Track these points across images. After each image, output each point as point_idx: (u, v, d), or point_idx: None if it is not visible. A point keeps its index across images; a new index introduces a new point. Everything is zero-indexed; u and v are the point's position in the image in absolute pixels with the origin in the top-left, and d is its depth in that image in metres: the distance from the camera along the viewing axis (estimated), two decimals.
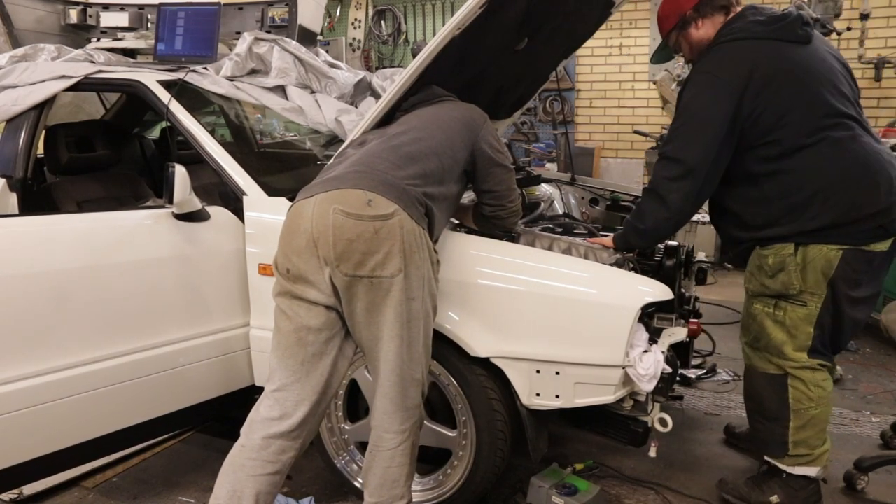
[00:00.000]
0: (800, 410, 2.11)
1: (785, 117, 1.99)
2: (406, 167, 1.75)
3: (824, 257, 2.02)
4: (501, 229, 2.08)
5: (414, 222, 1.67)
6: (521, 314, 1.87)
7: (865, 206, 1.99)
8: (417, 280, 1.67)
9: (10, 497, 2.28)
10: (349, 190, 1.66)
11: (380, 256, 1.62)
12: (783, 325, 2.10)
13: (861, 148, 2.02)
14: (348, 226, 1.62)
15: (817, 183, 2.00)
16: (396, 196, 1.67)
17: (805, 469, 2.15)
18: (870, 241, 2.03)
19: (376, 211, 1.63)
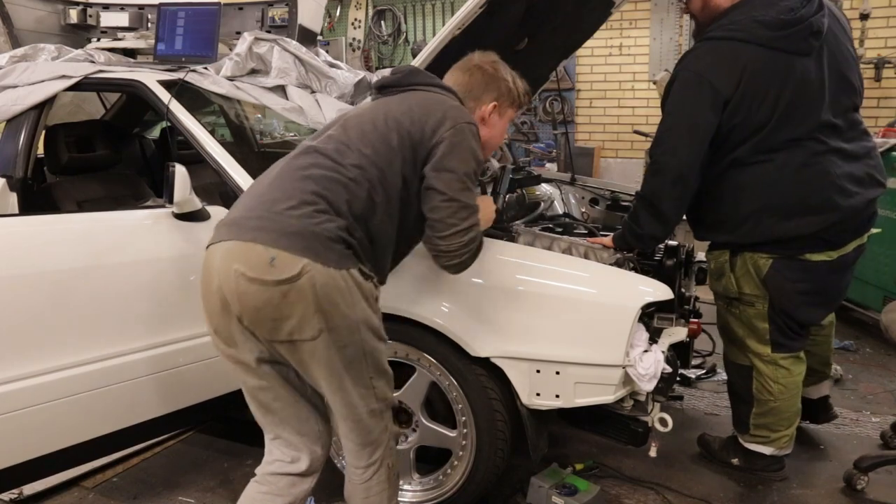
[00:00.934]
0: (761, 400, 2.25)
1: (754, 134, 2.03)
2: (317, 200, 1.49)
3: (754, 264, 2.15)
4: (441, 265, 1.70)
5: (331, 270, 1.45)
6: (522, 314, 1.87)
7: (795, 230, 2.07)
8: (346, 329, 1.49)
9: (9, 497, 2.28)
10: (249, 245, 1.45)
11: (294, 322, 1.45)
12: (741, 321, 2.24)
13: (813, 169, 2.04)
14: (251, 292, 1.44)
15: (754, 204, 2.09)
16: (304, 246, 1.44)
17: (760, 447, 2.33)
18: (803, 252, 2.10)
19: (281, 274, 1.42)
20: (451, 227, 1.57)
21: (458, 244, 1.59)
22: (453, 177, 1.57)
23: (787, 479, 2.37)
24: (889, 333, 2.38)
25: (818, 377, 2.52)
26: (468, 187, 1.60)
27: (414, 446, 2.11)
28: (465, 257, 1.62)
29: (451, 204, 1.57)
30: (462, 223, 1.59)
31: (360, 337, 1.52)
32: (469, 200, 1.59)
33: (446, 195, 1.56)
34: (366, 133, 1.61)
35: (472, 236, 1.61)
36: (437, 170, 1.58)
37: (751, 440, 2.33)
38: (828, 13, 2.04)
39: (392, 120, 1.62)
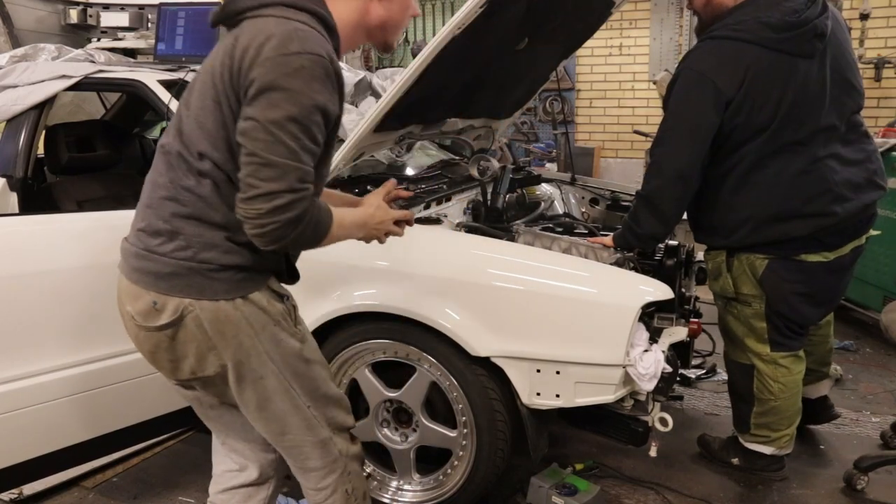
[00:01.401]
0: (761, 400, 2.25)
1: (755, 136, 2.03)
2: (182, 227, 1.33)
3: (750, 265, 2.16)
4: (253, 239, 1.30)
5: (220, 303, 1.33)
6: (522, 313, 1.87)
7: (791, 231, 2.08)
8: (256, 360, 1.38)
9: (9, 497, 2.28)
10: (134, 288, 1.37)
11: (192, 360, 1.37)
12: (739, 320, 2.25)
13: (810, 172, 2.05)
14: (142, 337, 1.39)
15: (751, 208, 2.10)
16: (184, 285, 1.32)
17: (760, 447, 2.32)
18: (799, 252, 2.11)
19: (163, 318, 1.33)
20: (251, 188, 1.23)
21: (257, 212, 1.22)
22: (255, 126, 1.22)
23: (787, 479, 2.38)
24: (889, 333, 2.39)
25: (816, 377, 2.53)
26: (280, 140, 1.21)
27: (414, 446, 2.11)
28: (269, 228, 1.23)
29: (251, 160, 1.23)
30: (263, 185, 1.22)
31: (276, 366, 1.40)
32: (277, 157, 1.21)
33: (247, 149, 1.23)
34: (196, 101, 1.35)
35: (279, 205, 1.22)
36: (243, 118, 1.25)
37: (751, 440, 2.33)
38: (830, 15, 2.05)
39: (209, 73, 1.33)
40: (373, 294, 1.98)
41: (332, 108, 1.29)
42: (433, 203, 2.44)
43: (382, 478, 2.20)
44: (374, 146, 2.41)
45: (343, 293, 2.01)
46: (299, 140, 1.23)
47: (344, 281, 2.02)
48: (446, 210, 2.49)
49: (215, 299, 1.33)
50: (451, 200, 2.56)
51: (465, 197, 2.65)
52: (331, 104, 1.28)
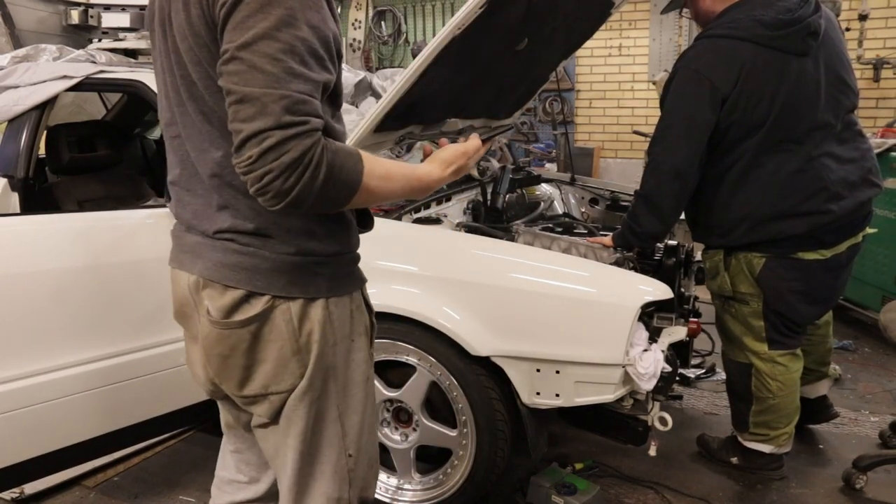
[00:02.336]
0: (760, 398, 2.26)
1: (751, 133, 2.05)
2: (267, 218, 1.15)
3: (748, 263, 2.17)
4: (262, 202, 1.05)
5: (318, 300, 1.18)
6: (522, 313, 1.88)
7: (787, 230, 2.09)
8: (325, 371, 1.21)
9: (11, 496, 2.28)
10: (218, 285, 1.18)
11: (269, 367, 1.20)
12: (737, 319, 2.26)
13: (806, 170, 2.06)
14: (218, 338, 1.19)
15: (747, 207, 2.11)
16: (286, 282, 1.16)
17: (759, 446, 2.33)
18: (795, 250, 2.12)
19: (253, 310, 1.16)
20: (237, 135, 1.00)
21: (249, 161, 0.98)
22: (227, 58, 1.00)
23: (786, 479, 2.38)
24: (888, 333, 2.39)
25: (815, 376, 2.53)
26: (254, 66, 0.98)
27: (414, 446, 2.11)
28: (267, 180, 0.99)
29: (230, 100, 1.00)
30: (246, 126, 0.98)
31: (337, 388, 1.24)
32: (254, 87, 0.98)
33: (224, 89, 1.02)
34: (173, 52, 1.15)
35: (269, 146, 0.97)
36: (221, 55, 1.02)
37: (750, 438, 2.33)
38: (823, 15, 2.06)
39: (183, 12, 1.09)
40: (373, 294, 1.98)
41: (324, 26, 1.05)
42: (433, 203, 2.45)
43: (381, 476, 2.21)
44: (375, 146, 2.41)
45: None
46: (281, 62, 0.98)
47: None
48: (446, 210, 2.49)
49: (315, 297, 1.18)
50: (451, 200, 2.56)
51: (465, 197, 2.65)
52: (321, 21, 1.04)
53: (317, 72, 1.03)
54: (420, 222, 2.26)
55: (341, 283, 1.22)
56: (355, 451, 1.27)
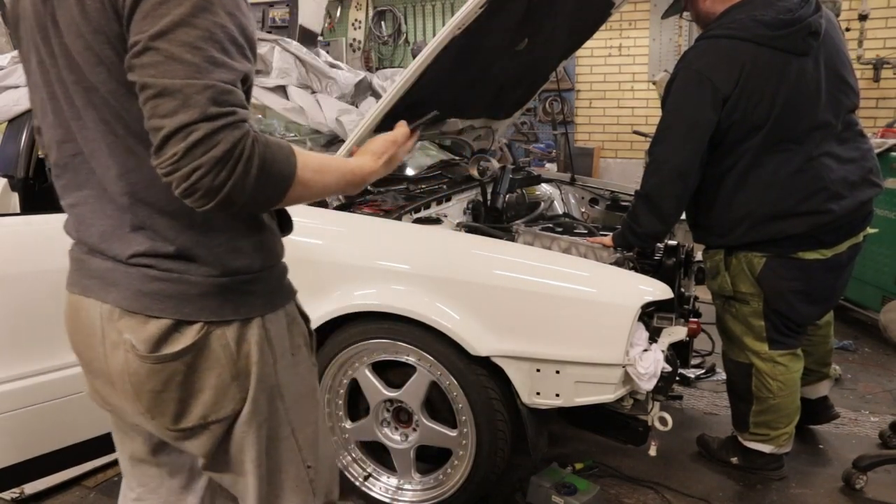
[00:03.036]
0: (760, 398, 2.26)
1: (752, 133, 2.05)
2: (187, 238, 1.06)
3: (749, 263, 2.16)
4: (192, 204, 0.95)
5: (253, 319, 1.12)
6: (522, 313, 1.88)
7: (787, 230, 2.09)
8: (269, 392, 1.15)
9: (11, 496, 2.28)
10: (135, 316, 1.07)
11: (208, 396, 1.11)
12: (737, 319, 2.26)
13: (806, 169, 2.06)
14: (148, 374, 1.08)
15: (748, 206, 2.11)
16: (217, 305, 1.08)
17: (759, 446, 2.33)
18: (796, 250, 2.12)
19: (186, 341, 1.07)
20: (156, 132, 0.91)
21: (173, 160, 0.90)
22: (139, 50, 0.91)
23: (786, 479, 2.38)
24: (888, 333, 2.39)
25: (816, 377, 2.53)
26: (172, 56, 0.90)
27: (414, 446, 2.11)
28: (196, 177, 0.90)
29: (146, 95, 0.91)
30: (167, 122, 0.89)
31: (285, 405, 1.18)
32: (175, 79, 0.89)
33: (138, 84, 0.92)
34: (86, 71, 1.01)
35: (196, 139, 0.89)
36: (128, 50, 0.93)
37: (750, 438, 2.33)
38: (824, 15, 2.07)
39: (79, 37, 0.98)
40: (373, 294, 1.98)
41: (239, 13, 0.97)
42: (433, 203, 2.45)
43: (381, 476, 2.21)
44: None
45: (343, 293, 2.01)
46: (201, 50, 0.91)
47: (344, 281, 2.02)
48: (446, 210, 2.49)
49: (250, 317, 1.11)
50: (451, 200, 2.56)
51: (465, 197, 2.65)
52: (235, 6, 0.97)
53: (238, 61, 0.96)
54: (420, 222, 2.26)
55: (274, 298, 1.16)
56: (314, 461, 1.23)
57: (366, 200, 2.35)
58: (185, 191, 0.92)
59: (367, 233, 2.09)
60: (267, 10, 3.17)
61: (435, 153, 3.30)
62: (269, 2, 3.19)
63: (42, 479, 2.13)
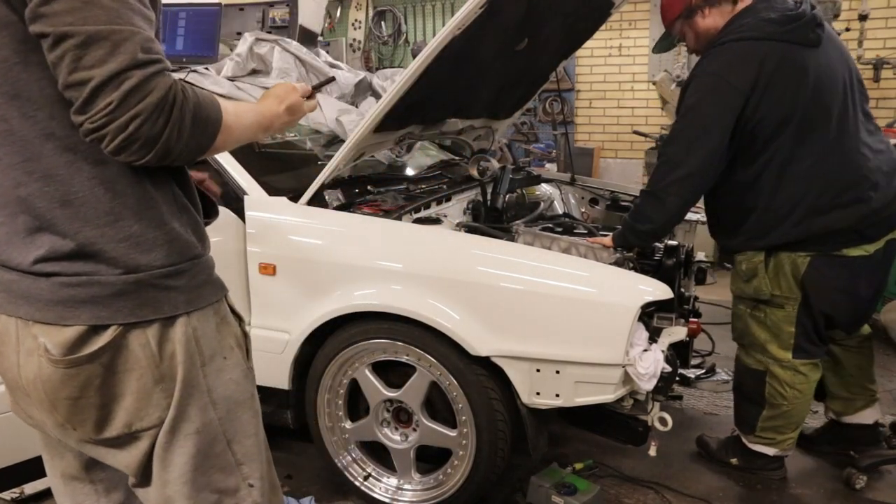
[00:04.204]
0: (774, 405, 2.23)
1: (779, 126, 2.02)
2: (89, 233, 0.97)
3: (792, 263, 2.11)
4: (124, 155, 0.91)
5: (176, 318, 1.03)
6: (522, 313, 1.88)
7: (833, 224, 2.05)
8: (198, 398, 1.06)
9: (11, 496, 2.28)
10: (50, 325, 0.99)
11: (130, 401, 1.03)
12: (765, 325, 2.20)
13: (844, 160, 2.05)
14: (63, 379, 1.00)
15: (791, 202, 2.06)
16: (134, 305, 1.00)
17: (764, 448, 2.31)
18: (840, 247, 2.08)
19: (101, 341, 0.99)
20: (81, 86, 0.85)
21: (107, 111, 0.85)
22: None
23: (787, 479, 2.38)
24: (889, 333, 2.38)
25: (864, 401, 2.39)
26: (92, 0, 0.84)
27: (414, 446, 2.11)
28: (133, 128, 0.87)
29: (65, 47, 0.84)
30: (95, 71, 0.84)
31: (218, 414, 1.08)
32: (99, 25, 0.84)
33: (52, 36, 0.84)
34: None
35: (132, 86, 0.86)
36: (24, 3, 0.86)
37: (756, 441, 2.32)
38: (833, 52, 2.09)
39: None
40: (373, 294, 1.99)
41: None
42: (433, 203, 2.45)
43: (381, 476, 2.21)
44: (375, 146, 2.41)
45: (343, 293, 2.02)
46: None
47: (344, 281, 2.02)
48: (446, 210, 2.50)
49: (174, 315, 1.02)
50: (451, 200, 2.56)
51: (465, 197, 2.65)
52: None
53: (149, 8, 0.92)
54: (420, 222, 2.26)
55: (201, 294, 1.06)
56: (258, 480, 1.11)
57: (366, 200, 2.35)
58: (122, 142, 0.87)
59: (368, 233, 2.09)
60: (267, 10, 3.17)
61: (435, 153, 3.31)
62: (269, 2, 3.19)
63: (42, 479, 2.13)
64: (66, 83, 0.86)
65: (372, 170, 2.76)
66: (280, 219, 2.14)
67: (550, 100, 6.63)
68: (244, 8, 3.22)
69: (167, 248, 1.01)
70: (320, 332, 2.07)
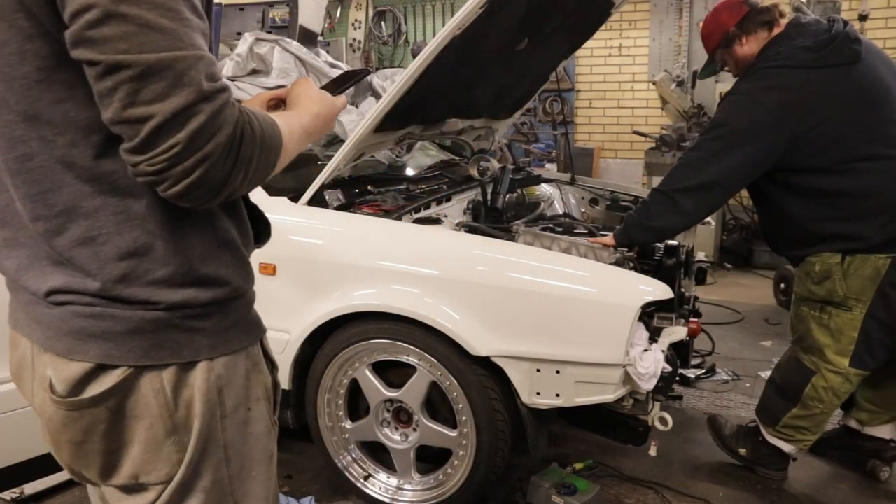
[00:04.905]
0: (808, 405, 2.20)
1: (834, 144, 2.02)
2: (120, 268, 0.86)
3: (872, 266, 2.07)
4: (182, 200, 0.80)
5: (198, 363, 0.91)
6: (522, 313, 1.88)
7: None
8: (214, 453, 0.94)
9: (11, 496, 2.28)
10: (59, 357, 0.90)
11: (138, 450, 0.92)
12: (828, 328, 2.15)
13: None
14: (64, 422, 0.91)
15: (868, 209, 2.04)
16: (150, 346, 0.88)
17: (781, 444, 2.29)
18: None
19: (108, 382, 0.88)
20: (140, 124, 0.73)
21: (171, 154, 0.74)
22: (96, 18, 0.71)
23: (787, 479, 2.38)
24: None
25: (893, 415, 2.35)
26: (148, 24, 0.72)
27: (414, 446, 2.11)
28: (202, 171, 0.76)
29: (118, 78, 0.72)
30: (157, 107, 0.73)
31: (230, 472, 0.97)
32: (159, 52, 0.72)
33: (101, 65, 0.72)
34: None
35: (201, 124, 0.75)
36: (70, 22, 0.72)
37: (775, 434, 2.28)
38: (878, 61, 2.09)
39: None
40: (373, 294, 1.99)
41: None
42: (433, 203, 2.45)
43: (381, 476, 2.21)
44: (375, 146, 2.41)
45: (343, 293, 2.02)
46: (175, 12, 0.74)
47: (344, 281, 2.02)
48: (446, 210, 2.50)
49: (194, 360, 0.90)
50: (451, 200, 2.57)
51: (465, 197, 2.66)
52: None
53: (204, 19, 0.80)
54: (420, 222, 2.26)
55: (231, 337, 0.93)
56: None
57: (366, 200, 2.36)
58: (186, 188, 0.76)
59: (367, 233, 2.09)
60: (267, 10, 3.18)
61: (435, 153, 3.31)
62: (269, 2, 3.19)
63: (42, 479, 2.13)
64: (119, 118, 0.74)
65: (372, 170, 2.77)
66: (280, 219, 2.13)
67: (550, 100, 6.64)
68: (244, 8, 3.23)
69: (197, 289, 0.89)
70: (320, 332, 2.07)
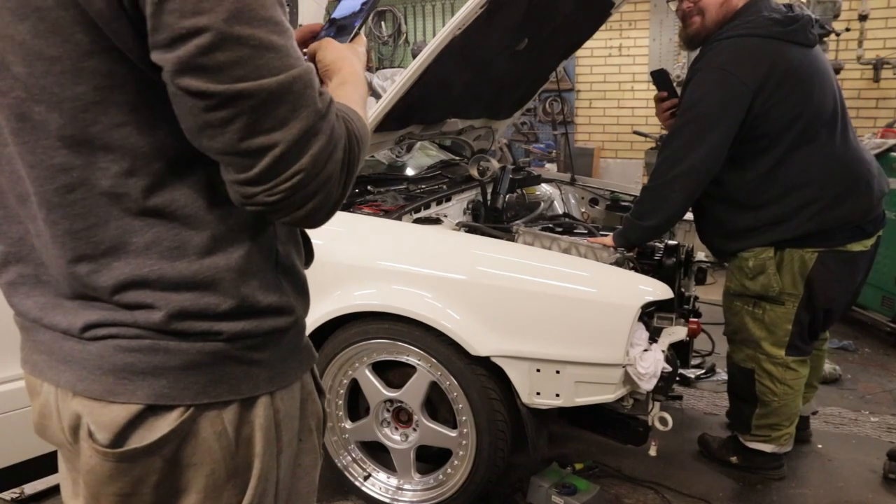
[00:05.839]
0: (765, 402, 2.25)
1: (789, 123, 2.03)
2: (177, 300, 0.76)
3: (800, 259, 2.11)
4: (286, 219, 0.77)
5: (259, 398, 0.83)
6: (522, 313, 1.88)
7: (845, 216, 2.08)
8: (270, 491, 0.86)
9: (11, 496, 2.28)
10: (97, 401, 0.78)
11: (195, 499, 0.81)
12: (762, 322, 2.21)
13: (846, 154, 2.10)
14: (109, 474, 0.78)
15: (802, 195, 2.07)
16: (207, 381, 0.78)
17: (761, 445, 2.33)
18: (846, 242, 2.11)
19: (164, 428, 0.77)
20: (261, 155, 0.68)
21: (297, 182, 0.70)
22: (212, 42, 0.64)
23: (786, 479, 2.38)
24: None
25: (810, 395, 2.52)
26: (262, 43, 0.67)
27: (414, 446, 2.11)
28: (325, 195, 0.73)
29: (239, 108, 0.67)
30: (280, 135, 0.68)
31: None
32: (276, 75, 0.67)
33: (217, 94, 0.66)
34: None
35: (322, 147, 0.71)
36: (168, 46, 0.65)
37: (752, 439, 2.33)
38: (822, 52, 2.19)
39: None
40: (373, 294, 1.99)
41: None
42: (433, 203, 2.45)
43: (381, 476, 2.21)
44: (375, 146, 2.41)
45: (343, 293, 2.02)
46: (279, 24, 0.68)
47: (344, 281, 2.02)
48: (446, 210, 2.50)
49: (255, 395, 0.82)
50: (451, 200, 2.57)
51: (465, 197, 2.65)
52: None
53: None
54: (420, 222, 2.26)
55: (288, 368, 0.86)
56: None
57: (366, 200, 2.35)
58: (309, 213, 0.72)
59: (367, 233, 2.09)
60: None
61: (435, 153, 3.31)
62: None
63: (42, 479, 2.13)
64: (235, 150, 0.68)
65: (372, 170, 2.76)
66: None
67: (550, 100, 6.64)
68: None
69: (256, 320, 0.80)
70: (320, 332, 2.07)
